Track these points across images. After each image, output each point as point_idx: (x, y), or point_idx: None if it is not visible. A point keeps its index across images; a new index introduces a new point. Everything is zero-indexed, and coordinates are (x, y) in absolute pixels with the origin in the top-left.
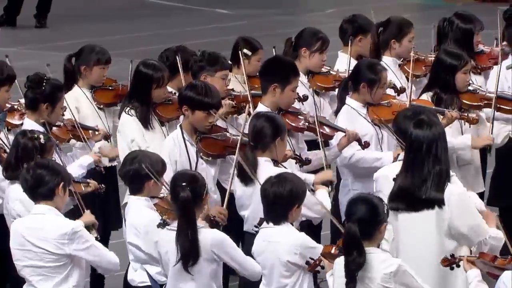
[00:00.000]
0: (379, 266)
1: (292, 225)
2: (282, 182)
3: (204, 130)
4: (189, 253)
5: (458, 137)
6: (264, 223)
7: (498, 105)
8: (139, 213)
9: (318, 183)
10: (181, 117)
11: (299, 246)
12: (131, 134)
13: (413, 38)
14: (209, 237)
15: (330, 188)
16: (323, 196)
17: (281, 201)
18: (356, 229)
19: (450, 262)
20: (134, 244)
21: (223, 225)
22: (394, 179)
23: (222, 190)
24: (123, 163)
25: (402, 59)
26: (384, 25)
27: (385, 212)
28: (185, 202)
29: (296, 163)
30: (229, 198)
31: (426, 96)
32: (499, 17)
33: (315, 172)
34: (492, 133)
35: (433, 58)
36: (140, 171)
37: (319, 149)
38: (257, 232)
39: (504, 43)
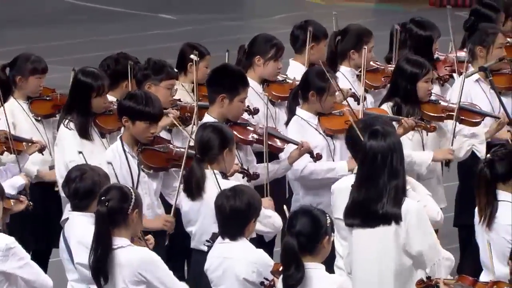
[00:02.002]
0: (318, 284)
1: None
2: (239, 195)
3: (146, 142)
4: (97, 271)
5: (419, 152)
6: (219, 238)
7: (460, 117)
8: (86, 230)
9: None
10: (122, 128)
11: (257, 263)
12: (69, 155)
13: (372, 48)
14: (137, 257)
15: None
16: (273, 212)
17: (238, 216)
18: (294, 243)
19: (426, 284)
20: (84, 264)
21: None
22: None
23: (166, 204)
24: (70, 180)
25: (359, 69)
26: (342, 34)
27: (328, 225)
28: (99, 218)
29: (243, 177)
30: (175, 212)
31: (386, 107)
32: (449, 19)
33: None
34: (452, 146)
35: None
36: (92, 189)
37: (277, 158)
38: (209, 248)
39: (463, 53)
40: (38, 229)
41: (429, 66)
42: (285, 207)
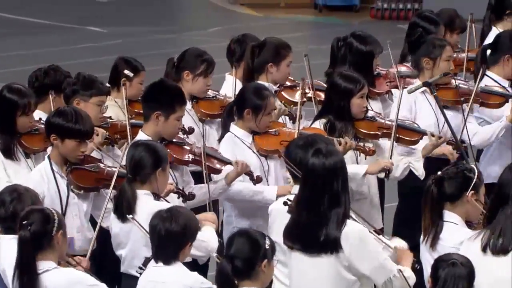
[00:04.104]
0: None
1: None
2: (175, 217)
3: (75, 161)
4: None
5: (351, 165)
6: (152, 261)
7: (398, 135)
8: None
9: (204, 219)
10: (49, 148)
11: (193, 287)
12: None
13: (291, 62)
14: (64, 278)
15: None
16: (210, 233)
17: (174, 239)
18: (228, 267)
19: None
20: None
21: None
22: (285, 203)
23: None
24: (4, 201)
25: (278, 84)
26: (260, 47)
27: (268, 248)
28: (22, 243)
29: (178, 197)
30: (98, 234)
31: (319, 124)
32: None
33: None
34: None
35: (312, 95)
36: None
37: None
38: (141, 273)
39: (404, 68)
40: None
41: (363, 82)
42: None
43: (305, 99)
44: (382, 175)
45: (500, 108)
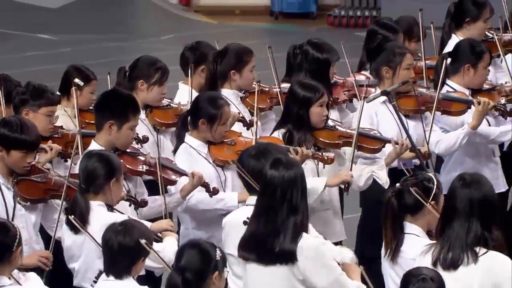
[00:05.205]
0: None
1: (134, 279)
2: (129, 231)
3: (22, 172)
4: None
5: (311, 178)
6: (103, 275)
7: (359, 144)
8: None
9: (160, 229)
10: None
11: None
12: None
13: (254, 67)
14: None
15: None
16: (169, 244)
17: (127, 253)
18: (178, 279)
19: None
20: None
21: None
22: (244, 222)
23: (47, 238)
24: None
25: (243, 91)
26: (222, 54)
27: (219, 259)
28: None
29: (130, 205)
30: (53, 246)
31: (277, 134)
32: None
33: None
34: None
35: (278, 90)
36: None
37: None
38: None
39: (362, 77)
40: None
41: (323, 90)
42: (361, 267)
43: (271, 105)
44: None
45: (460, 116)
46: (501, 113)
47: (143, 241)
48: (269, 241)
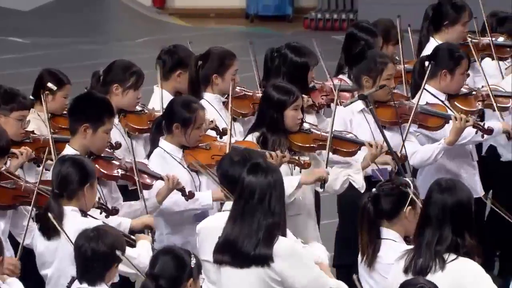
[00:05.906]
0: None
1: (107, 286)
2: (102, 237)
3: None
4: None
5: (284, 178)
6: (76, 282)
7: (334, 147)
8: None
9: (141, 224)
10: None
11: None
12: None
13: (237, 71)
14: None
15: None
16: (143, 249)
17: (100, 259)
18: (151, 286)
19: None
20: None
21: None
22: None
23: (16, 245)
24: None
25: (226, 95)
26: (204, 58)
27: (193, 265)
28: None
29: (100, 213)
30: (22, 253)
31: (251, 137)
32: (315, 45)
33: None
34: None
35: (260, 94)
36: None
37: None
38: None
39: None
40: None
41: (298, 93)
42: (354, 276)
43: (254, 110)
44: (318, 188)
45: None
46: (478, 130)
47: (118, 252)
48: (244, 244)
